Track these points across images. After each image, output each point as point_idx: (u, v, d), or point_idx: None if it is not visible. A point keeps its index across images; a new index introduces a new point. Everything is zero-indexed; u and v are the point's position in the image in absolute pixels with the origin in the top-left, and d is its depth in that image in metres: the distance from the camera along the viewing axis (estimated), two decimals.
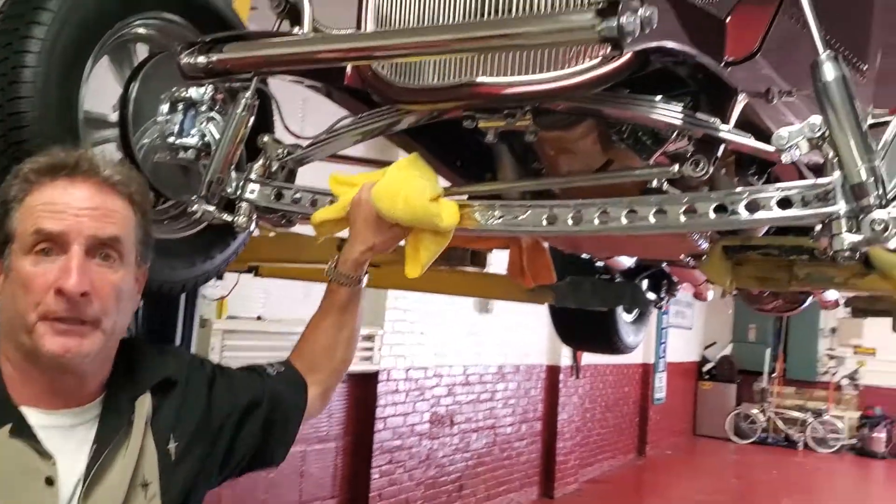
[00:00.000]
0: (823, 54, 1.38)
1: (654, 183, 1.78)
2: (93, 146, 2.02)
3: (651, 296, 4.38)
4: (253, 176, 2.01)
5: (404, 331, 7.19)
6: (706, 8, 1.52)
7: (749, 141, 1.56)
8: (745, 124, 1.70)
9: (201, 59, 1.65)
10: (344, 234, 1.83)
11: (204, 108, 2.09)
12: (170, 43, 2.21)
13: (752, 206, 1.48)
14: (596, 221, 1.61)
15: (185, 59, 1.69)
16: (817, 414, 15.62)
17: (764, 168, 1.94)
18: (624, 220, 1.58)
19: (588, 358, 10.33)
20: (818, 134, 1.43)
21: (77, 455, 1.34)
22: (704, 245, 2.34)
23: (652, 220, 1.56)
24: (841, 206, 1.39)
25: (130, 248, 1.41)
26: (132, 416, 1.41)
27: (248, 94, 1.94)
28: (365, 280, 1.78)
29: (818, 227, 1.46)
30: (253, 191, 1.99)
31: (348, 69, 1.86)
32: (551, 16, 1.45)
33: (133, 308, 1.47)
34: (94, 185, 1.37)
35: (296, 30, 1.86)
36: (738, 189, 1.50)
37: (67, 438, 1.35)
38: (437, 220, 1.65)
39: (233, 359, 5.15)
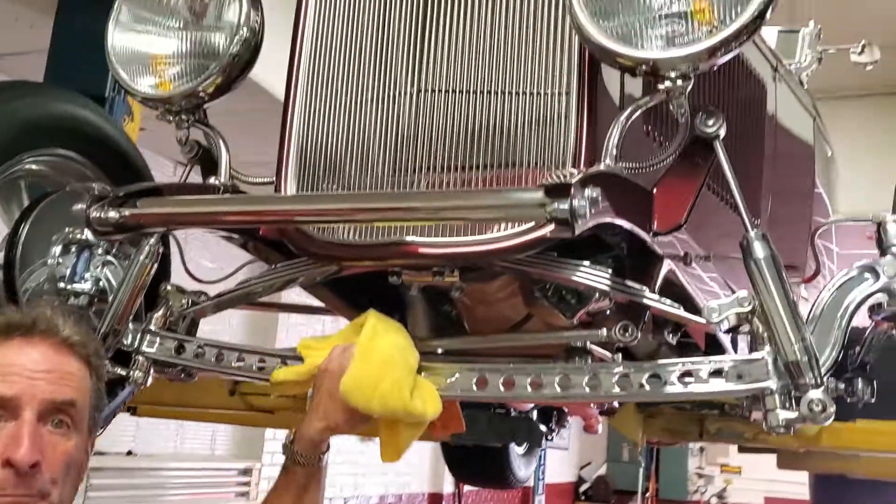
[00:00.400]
0: (752, 232, 1.42)
1: (578, 343, 1.77)
2: None
3: (542, 427, 4.36)
4: (152, 327, 1.86)
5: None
6: (636, 180, 1.54)
7: (678, 311, 1.56)
8: (663, 284, 1.73)
9: (112, 214, 1.54)
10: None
11: (100, 251, 1.96)
12: (65, 180, 2.09)
13: (685, 377, 1.47)
14: (528, 389, 1.57)
15: (94, 213, 1.57)
16: None
17: (679, 325, 1.96)
18: (557, 389, 1.54)
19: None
20: (748, 308, 1.46)
21: None
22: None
23: (586, 389, 1.53)
24: (773, 382, 1.40)
25: (84, 415, 1.33)
26: None
27: (152, 240, 1.82)
28: (326, 458, 1.62)
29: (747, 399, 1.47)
30: (152, 343, 1.84)
31: None
32: (500, 191, 1.44)
33: (81, 480, 1.35)
34: (51, 346, 1.30)
35: (212, 179, 1.77)
36: (672, 360, 1.49)
37: None
38: (417, 416, 1.55)
39: (99, 500, 4.73)
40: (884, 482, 3.73)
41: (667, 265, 1.65)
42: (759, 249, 1.41)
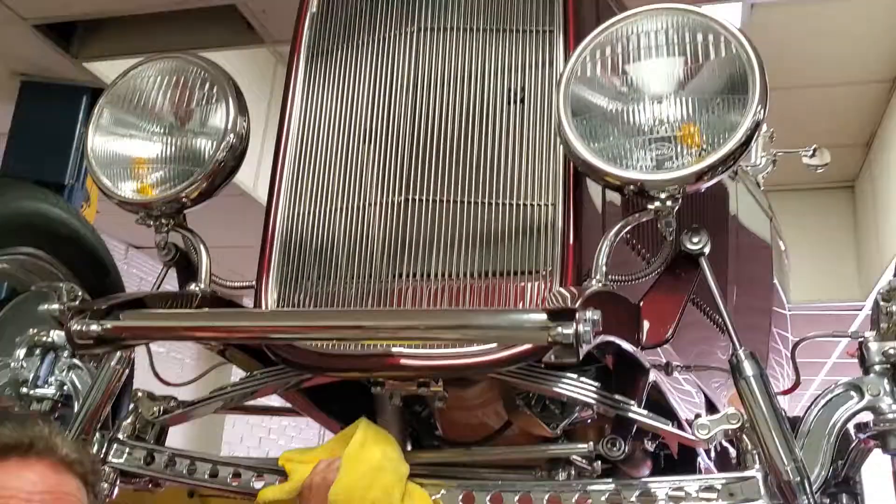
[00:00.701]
0: (741, 351, 1.45)
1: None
2: None
3: None
4: (120, 436, 1.79)
5: None
6: (624, 294, 1.56)
7: (667, 427, 1.56)
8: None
9: (94, 328, 1.49)
10: None
11: (65, 354, 1.90)
12: (30, 279, 2.04)
13: (676, 492, 1.46)
14: None
15: (75, 327, 1.52)
16: None
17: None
18: None
19: None
20: (736, 425, 1.47)
21: None
22: None
23: None
24: (765, 501, 1.40)
25: None
26: None
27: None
28: None
29: None
30: (120, 453, 1.76)
31: None
32: (502, 312, 1.44)
33: None
34: (48, 466, 1.25)
35: (192, 285, 1.74)
36: (662, 478, 1.49)
37: None
38: None
39: None
40: None
41: (651, 376, 1.66)
42: (748, 368, 1.43)
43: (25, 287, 2.01)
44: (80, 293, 1.97)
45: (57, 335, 1.92)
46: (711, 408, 2.19)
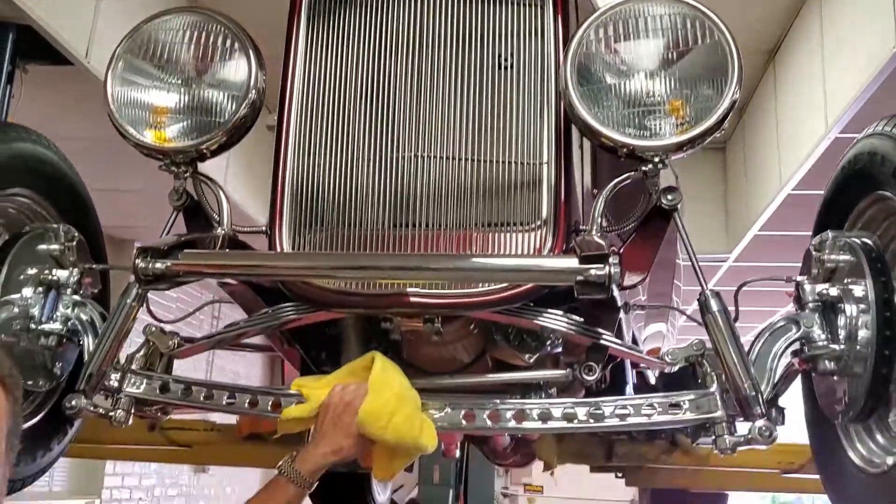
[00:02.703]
0: (708, 291, 1.74)
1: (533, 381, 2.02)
2: None
3: None
4: (134, 367, 1.91)
5: (122, 498, 6.57)
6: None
7: (640, 354, 1.85)
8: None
9: (158, 265, 1.60)
10: None
11: (69, 291, 1.98)
12: (22, 220, 2.08)
13: (647, 409, 1.75)
14: (512, 422, 1.79)
15: (141, 264, 1.63)
16: None
17: None
18: (538, 422, 1.78)
19: None
20: (699, 353, 1.78)
21: None
22: None
23: (563, 422, 1.77)
24: (721, 413, 1.71)
25: (1, 440, 1.26)
26: None
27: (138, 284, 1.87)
28: (314, 485, 1.76)
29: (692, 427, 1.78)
30: (137, 384, 1.88)
31: None
32: (538, 258, 1.65)
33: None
34: None
35: (218, 230, 1.86)
36: (639, 395, 1.77)
37: None
38: (420, 449, 1.71)
39: None
40: (708, 493, 4.29)
41: (624, 313, 1.94)
42: (714, 304, 1.72)
43: (18, 227, 2.05)
44: (76, 234, 2.05)
45: (59, 273, 1.99)
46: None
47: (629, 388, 2.62)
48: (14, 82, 3.64)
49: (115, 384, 1.86)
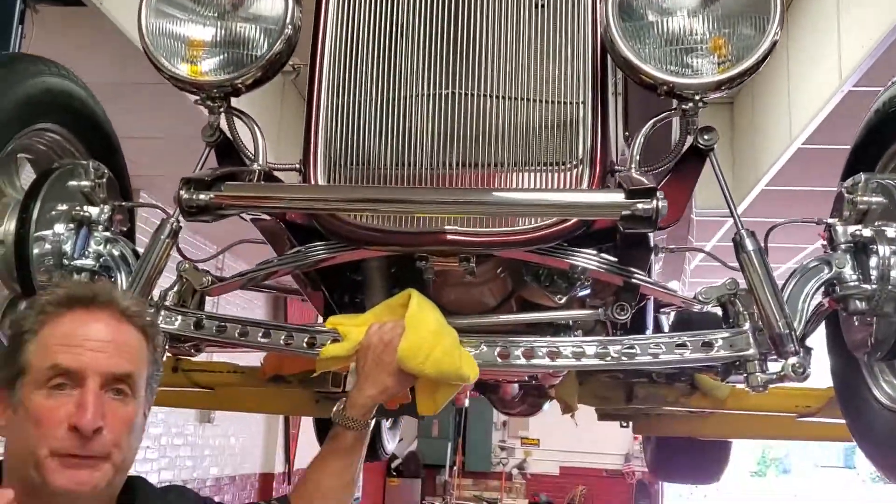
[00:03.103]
0: (743, 231, 1.75)
1: (562, 321, 2.04)
2: None
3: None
4: (168, 303, 1.92)
5: None
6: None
7: (673, 294, 1.87)
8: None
9: (202, 197, 1.61)
10: None
11: (100, 227, 1.98)
12: (52, 156, 2.07)
13: (682, 348, 1.78)
14: (546, 359, 1.81)
15: (185, 195, 1.63)
16: (492, 503, 16.69)
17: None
18: (572, 359, 1.80)
19: (301, 462, 10.22)
20: (732, 292, 1.80)
21: None
22: None
23: (595, 360, 1.79)
24: (754, 351, 1.73)
25: (142, 384, 1.39)
26: None
27: (173, 217, 1.88)
28: (372, 423, 1.78)
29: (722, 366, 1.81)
30: (172, 320, 1.90)
31: None
32: (587, 192, 1.66)
33: (140, 442, 1.43)
34: (110, 317, 1.37)
35: (254, 166, 1.86)
36: (672, 334, 1.79)
37: None
38: (461, 379, 1.73)
39: None
40: (711, 442, 4.35)
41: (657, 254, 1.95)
42: (749, 244, 1.73)
43: (47, 164, 2.05)
44: (105, 171, 2.05)
45: (91, 210, 1.99)
46: None
47: (649, 333, 2.65)
48: (25, 23, 3.60)
49: None
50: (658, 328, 2.88)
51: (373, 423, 1.81)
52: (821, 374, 2.15)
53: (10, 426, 1.33)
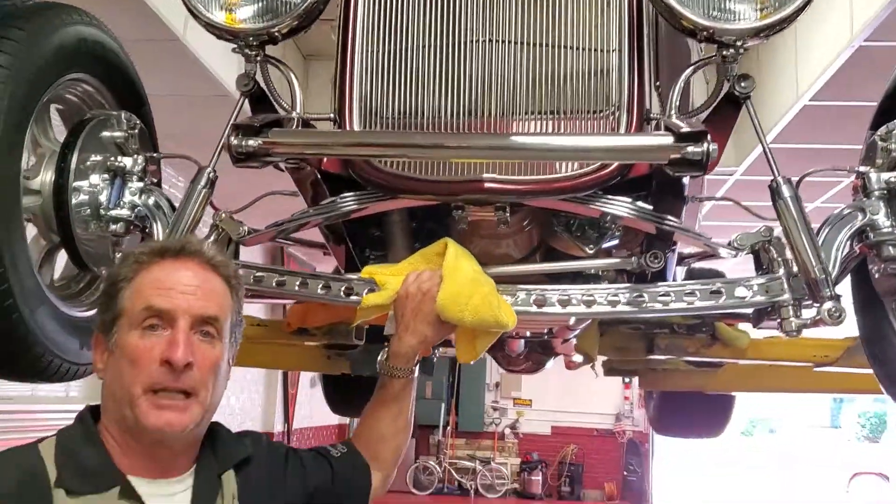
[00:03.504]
0: (780, 177, 1.77)
1: (592, 270, 2.06)
2: None
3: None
4: None
5: None
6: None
7: (705, 239, 1.89)
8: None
9: (251, 142, 1.61)
10: None
11: (134, 178, 1.98)
12: (84, 106, 2.07)
13: (716, 294, 1.80)
14: (582, 306, 1.83)
15: (234, 141, 1.63)
16: (485, 462, 16.90)
17: None
18: (606, 306, 1.82)
19: (298, 422, 10.32)
20: (766, 238, 1.82)
21: None
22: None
23: (629, 307, 1.81)
24: (788, 296, 1.76)
25: (227, 328, 1.48)
26: (221, 490, 1.48)
27: (209, 168, 1.89)
28: (416, 370, 1.81)
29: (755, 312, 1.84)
30: None
31: None
32: (637, 136, 1.67)
33: (224, 387, 1.50)
34: (198, 265, 1.46)
35: (292, 114, 1.86)
36: (706, 280, 1.82)
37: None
38: (501, 326, 1.74)
39: None
40: (713, 397, 4.41)
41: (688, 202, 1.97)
42: (786, 191, 1.75)
43: (77, 114, 2.04)
44: (137, 122, 2.05)
45: (125, 160, 1.99)
46: None
47: None
48: None
49: None
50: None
51: (417, 368, 1.83)
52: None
53: (107, 368, 1.43)
